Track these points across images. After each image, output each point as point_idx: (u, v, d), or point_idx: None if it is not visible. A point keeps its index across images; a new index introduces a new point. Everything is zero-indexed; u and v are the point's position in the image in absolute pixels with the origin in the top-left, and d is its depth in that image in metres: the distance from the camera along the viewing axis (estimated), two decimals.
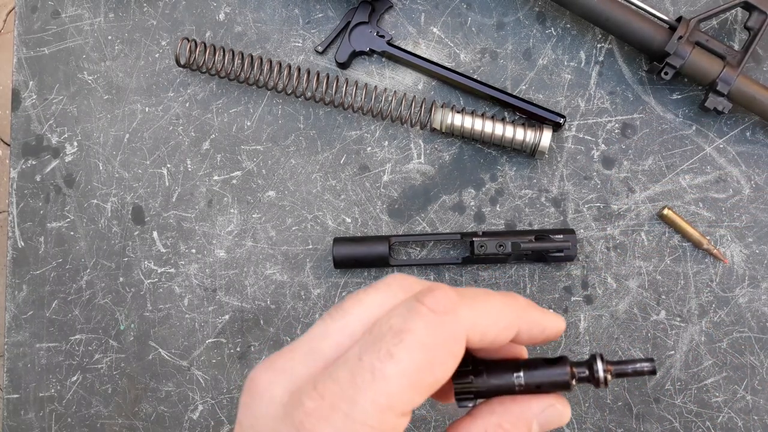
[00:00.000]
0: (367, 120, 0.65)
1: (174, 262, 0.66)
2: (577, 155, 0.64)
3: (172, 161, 0.66)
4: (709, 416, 0.62)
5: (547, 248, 0.60)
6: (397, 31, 0.66)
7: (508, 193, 0.64)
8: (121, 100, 0.67)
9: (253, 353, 0.65)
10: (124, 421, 0.65)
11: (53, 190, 0.67)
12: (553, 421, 0.31)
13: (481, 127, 0.62)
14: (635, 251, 0.63)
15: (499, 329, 0.29)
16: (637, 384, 0.62)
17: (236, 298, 0.65)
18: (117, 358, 0.66)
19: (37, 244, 0.67)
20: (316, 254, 0.65)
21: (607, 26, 0.60)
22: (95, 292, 0.66)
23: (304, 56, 0.66)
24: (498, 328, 0.29)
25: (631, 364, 0.33)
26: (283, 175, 0.66)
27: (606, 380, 0.33)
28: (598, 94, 0.64)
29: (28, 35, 0.68)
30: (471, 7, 0.65)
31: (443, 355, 0.27)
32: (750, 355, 0.62)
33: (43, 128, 0.67)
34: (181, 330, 0.65)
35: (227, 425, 0.65)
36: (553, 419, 0.31)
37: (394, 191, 0.65)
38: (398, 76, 0.66)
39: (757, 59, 0.64)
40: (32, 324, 0.66)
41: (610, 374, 0.33)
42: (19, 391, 0.66)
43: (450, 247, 0.64)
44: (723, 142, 0.63)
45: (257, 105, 0.66)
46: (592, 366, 0.33)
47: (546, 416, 0.31)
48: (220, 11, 0.67)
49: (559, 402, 0.32)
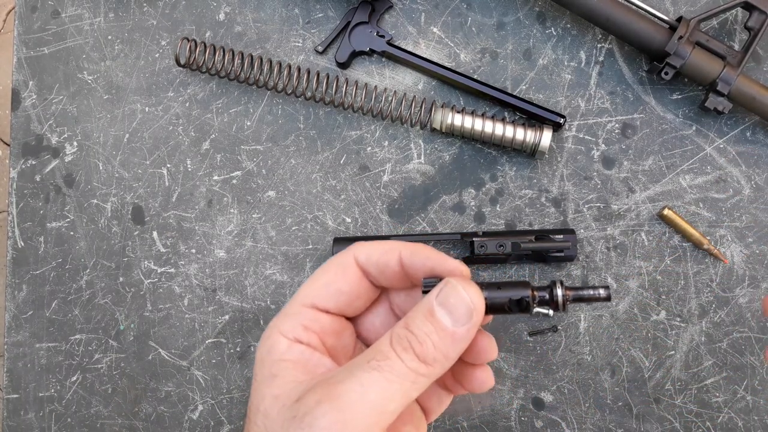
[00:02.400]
0: (367, 120, 0.65)
1: (174, 262, 0.66)
2: (577, 155, 0.64)
3: (172, 161, 0.66)
4: (709, 416, 0.62)
5: (547, 248, 0.60)
6: (397, 31, 0.66)
7: (508, 193, 0.64)
8: (121, 100, 0.67)
9: (253, 353, 0.65)
10: (124, 421, 0.65)
11: (53, 190, 0.67)
12: (449, 298, 0.35)
13: (481, 127, 0.62)
14: (635, 251, 0.63)
15: (382, 251, 0.38)
16: (637, 384, 0.62)
17: (236, 298, 0.65)
18: (117, 358, 0.66)
19: (36, 244, 0.67)
20: (316, 254, 0.65)
21: (608, 26, 0.60)
22: (95, 292, 0.66)
23: (304, 56, 0.66)
24: (379, 251, 0.38)
25: (587, 290, 0.37)
26: (283, 175, 0.66)
27: (564, 304, 0.36)
28: (598, 94, 0.64)
29: (28, 35, 0.68)
30: (471, 7, 0.65)
31: (332, 268, 0.39)
32: (750, 355, 0.62)
33: (43, 128, 0.67)
34: (181, 330, 0.65)
35: (227, 425, 0.65)
36: (449, 297, 0.35)
37: (394, 191, 0.65)
38: (398, 76, 0.66)
39: (758, 59, 0.64)
40: (32, 324, 0.66)
41: (568, 299, 0.36)
42: (19, 391, 0.66)
43: (450, 247, 0.64)
44: (723, 142, 0.63)
45: (257, 105, 0.66)
46: (552, 290, 0.36)
47: (443, 296, 0.35)
48: (220, 11, 0.67)
49: (455, 280, 0.36)
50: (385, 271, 0.38)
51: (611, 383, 0.62)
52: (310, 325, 0.38)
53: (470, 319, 0.35)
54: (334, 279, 0.38)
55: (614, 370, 0.62)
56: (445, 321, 0.34)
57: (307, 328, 0.38)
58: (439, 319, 0.34)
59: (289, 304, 0.39)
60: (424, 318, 0.34)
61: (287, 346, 0.37)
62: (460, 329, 0.34)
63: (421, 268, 0.38)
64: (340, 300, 0.39)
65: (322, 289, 0.38)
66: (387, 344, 0.34)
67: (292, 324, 0.38)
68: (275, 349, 0.37)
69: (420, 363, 0.34)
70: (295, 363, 0.36)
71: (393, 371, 0.33)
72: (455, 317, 0.34)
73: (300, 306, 0.38)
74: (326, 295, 0.38)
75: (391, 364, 0.33)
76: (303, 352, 0.37)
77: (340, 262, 0.39)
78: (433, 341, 0.34)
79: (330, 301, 0.38)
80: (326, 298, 0.38)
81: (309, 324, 0.38)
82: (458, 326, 0.34)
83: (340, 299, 0.39)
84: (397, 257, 0.38)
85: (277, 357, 0.37)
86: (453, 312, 0.34)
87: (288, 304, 0.39)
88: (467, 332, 0.35)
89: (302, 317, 0.38)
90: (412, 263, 0.38)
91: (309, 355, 0.37)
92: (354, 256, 0.39)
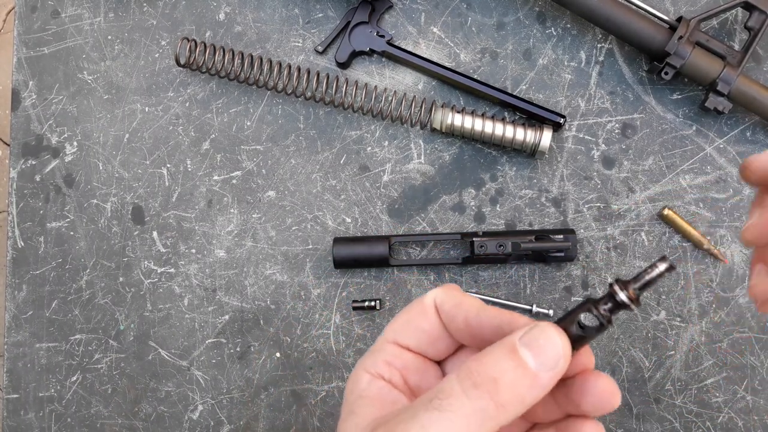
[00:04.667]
0: (367, 120, 0.65)
1: (174, 262, 0.66)
2: (577, 155, 0.64)
3: (172, 161, 0.66)
4: (709, 416, 0.62)
5: (547, 248, 0.60)
6: (397, 31, 0.66)
7: (508, 193, 0.64)
8: (121, 100, 0.67)
9: (253, 353, 0.65)
10: (124, 421, 0.65)
11: (53, 190, 0.67)
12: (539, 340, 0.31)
13: (481, 127, 0.62)
14: (635, 251, 0.63)
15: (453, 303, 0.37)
16: (637, 384, 0.62)
17: (236, 298, 0.65)
18: (117, 358, 0.66)
19: (36, 244, 0.67)
20: (316, 254, 0.65)
21: (608, 26, 0.60)
22: (95, 292, 0.66)
23: (304, 56, 0.66)
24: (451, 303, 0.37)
25: (647, 273, 0.33)
26: (283, 175, 0.66)
27: (635, 300, 0.33)
28: (598, 94, 0.64)
29: (28, 35, 0.68)
30: (471, 7, 0.65)
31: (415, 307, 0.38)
32: (750, 355, 0.62)
33: (43, 128, 0.67)
34: (181, 330, 0.65)
35: (227, 425, 0.65)
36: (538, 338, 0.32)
37: (394, 191, 0.65)
38: (398, 76, 0.66)
39: (758, 59, 0.64)
40: (32, 324, 0.66)
41: (634, 298, 0.33)
42: (19, 391, 0.66)
43: (450, 247, 0.64)
44: (723, 142, 0.63)
45: (257, 105, 0.66)
46: (614, 297, 0.33)
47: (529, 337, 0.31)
48: (220, 11, 0.67)
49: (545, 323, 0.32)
50: (452, 324, 0.37)
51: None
52: (392, 361, 0.37)
53: (556, 366, 0.31)
54: (415, 317, 0.38)
55: (614, 370, 0.62)
56: (529, 361, 0.30)
57: (389, 363, 0.37)
58: (521, 357, 0.31)
59: (375, 343, 0.38)
60: (503, 354, 0.31)
61: (368, 382, 0.36)
62: (544, 374, 0.30)
63: (489, 327, 0.35)
64: (420, 338, 0.38)
65: (403, 326, 0.38)
66: (453, 380, 0.31)
67: (374, 359, 0.37)
68: (357, 386, 0.36)
69: (490, 402, 0.30)
70: (373, 399, 0.35)
71: (456, 411, 0.30)
72: (541, 360, 0.30)
73: (384, 342, 0.38)
74: (407, 332, 0.38)
75: (454, 402, 0.30)
76: (382, 388, 0.36)
77: (421, 302, 0.38)
78: (510, 380, 0.30)
79: (411, 338, 0.38)
80: (407, 335, 0.38)
81: (391, 359, 0.37)
82: (542, 370, 0.30)
83: (421, 338, 0.38)
84: (464, 314, 0.36)
85: (357, 394, 0.36)
86: (539, 355, 0.31)
87: (374, 343, 0.39)
88: (550, 380, 0.31)
89: (385, 353, 0.37)
90: (478, 323, 0.35)
91: (387, 391, 0.36)
92: (434, 297, 0.38)
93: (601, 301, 0.33)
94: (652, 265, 0.33)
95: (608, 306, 0.33)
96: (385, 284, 0.64)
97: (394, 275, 0.64)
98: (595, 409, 0.34)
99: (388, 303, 0.64)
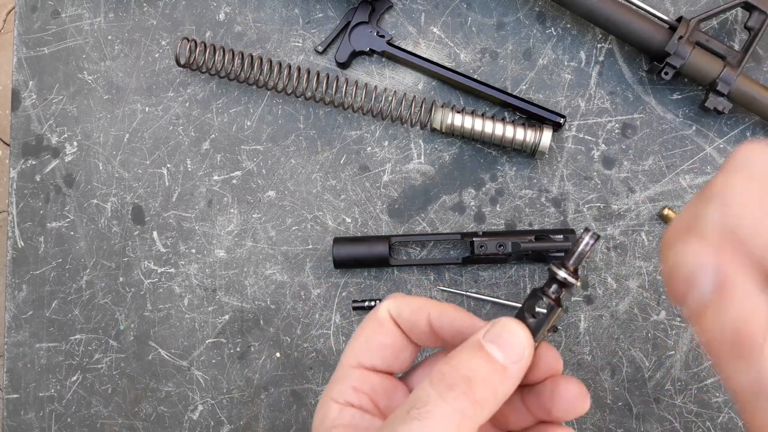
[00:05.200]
0: (367, 120, 0.65)
1: (174, 262, 0.66)
2: (577, 155, 0.64)
3: (172, 161, 0.66)
4: (709, 416, 0.62)
5: (547, 248, 0.60)
6: (397, 31, 0.66)
7: (508, 193, 0.64)
8: (121, 100, 0.67)
9: (253, 353, 0.65)
10: (124, 421, 0.65)
11: (53, 190, 0.67)
12: (501, 334, 0.32)
13: (481, 127, 0.62)
14: (635, 251, 0.63)
15: (411, 309, 0.37)
16: (637, 384, 0.62)
17: (236, 298, 0.65)
18: (117, 358, 0.66)
19: (37, 244, 0.67)
20: (316, 254, 0.65)
21: (608, 26, 0.60)
22: (95, 292, 0.66)
23: (304, 56, 0.66)
24: (409, 309, 0.37)
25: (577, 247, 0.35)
26: (283, 175, 0.66)
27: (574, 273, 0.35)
28: (598, 94, 0.64)
29: (28, 35, 0.68)
30: (471, 7, 0.65)
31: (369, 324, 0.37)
32: None
33: (43, 128, 0.67)
34: (181, 330, 0.65)
35: (227, 425, 0.65)
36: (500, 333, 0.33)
37: (394, 191, 0.65)
38: (398, 76, 0.66)
39: (758, 59, 0.64)
40: (32, 324, 0.66)
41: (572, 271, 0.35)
42: (19, 391, 0.66)
43: (450, 247, 0.64)
44: (723, 142, 0.63)
45: (257, 105, 0.66)
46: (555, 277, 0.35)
47: (492, 334, 0.32)
48: (220, 11, 0.67)
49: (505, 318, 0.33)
50: (414, 330, 0.37)
51: (611, 383, 0.62)
52: (360, 386, 0.37)
53: (522, 356, 0.32)
54: (372, 334, 0.37)
55: (614, 370, 0.62)
56: (497, 355, 0.32)
57: (356, 389, 0.36)
58: (489, 352, 0.32)
59: (336, 371, 0.37)
60: (471, 353, 0.32)
61: (338, 411, 0.36)
62: (513, 366, 0.32)
63: (449, 329, 0.36)
64: (384, 354, 0.37)
65: (363, 346, 0.37)
66: (427, 387, 0.31)
67: (341, 388, 0.36)
68: (327, 417, 0.36)
69: (466, 401, 0.30)
70: (347, 428, 0.35)
71: (436, 416, 0.30)
72: (507, 353, 0.32)
73: (347, 368, 0.37)
74: (369, 351, 0.37)
75: (432, 408, 0.30)
76: (354, 415, 0.36)
77: (375, 317, 0.38)
78: (483, 376, 0.31)
79: (374, 356, 0.37)
80: (370, 354, 0.37)
81: (358, 385, 0.37)
82: (510, 362, 0.32)
83: (385, 353, 0.37)
84: (425, 317, 0.36)
85: (329, 424, 0.35)
86: (505, 348, 0.32)
87: (335, 371, 0.38)
88: (519, 371, 0.32)
89: (350, 379, 0.37)
90: (440, 324, 0.36)
91: (360, 417, 0.36)
92: (387, 309, 0.37)
93: (545, 286, 0.36)
94: (579, 238, 0.35)
95: (552, 288, 0.35)
96: (385, 284, 0.64)
97: (394, 275, 0.64)
98: (566, 414, 0.35)
99: None
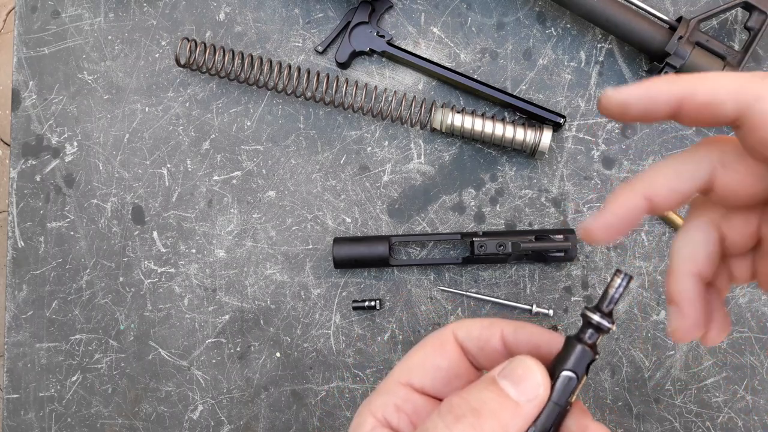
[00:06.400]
0: (367, 120, 0.65)
1: (174, 262, 0.66)
2: (577, 155, 0.64)
3: (172, 161, 0.66)
4: (709, 416, 0.62)
5: (547, 248, 0.60)
6: (397, 31, 0.66)
7: (508, 193, 0.64)
8: (121, 100, 0.67)
9: (253, 353, 0.65)
10: (124, 421, 0.65)
11: (53, 190, 0.67)
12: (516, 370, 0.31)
13: (481, 127, 0.62)
14: (635, 251, 0.63)
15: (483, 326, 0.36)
16: (638, 384, 0.62)
17: (236, 298, 0.65)
18: (117, 358, 0.66)
19: (37, 244, 0.67)
20: (316, 254, 0.65)
21: (608, 26, 0.60)
22: (95, 292, 0.66)
23: (304, 56, 0.66)
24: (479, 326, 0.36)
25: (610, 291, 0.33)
26: (283, 175, 0.66)
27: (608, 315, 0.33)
28: (598, 94, 0.64)
29: (28, 35, 0.68)
30: (471, 7, 0.65)
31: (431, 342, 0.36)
32: (750, 355, 0.62)
33: (43, 128, 0.67)
34: (181, 330, 0.65)
35: (227, 425, 0.65)
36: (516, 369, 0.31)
37: (394, 191, 0.65)
38: (398, 76, 0.66)
39: (757, 59, 0.64)
40: (32, 324, 0.66)
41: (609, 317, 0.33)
42: (19, 391, 0.66)
43: (450, 247, 0.64)
44: None
45: (257, 105, 0.66)
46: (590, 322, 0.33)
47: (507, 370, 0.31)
48: (220, 11, 0.67)
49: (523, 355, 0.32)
50: (485, 348, 0.35)
51: (611, 383, 0.62)
52: (403, 406, 0.35)
53: (537, 394, 0.30)
54: (431, 354, 0.36)
55: (614, 370, 0.62)
56: (510, 391, 0.30)
57: (399, 408, 0.35)
58: (501, 387, 0.31)
59: (384, 381, 0.36)
60: (483, 386, 0.31)
61: (371, 427, 0.34)
62: (526, 403, 0.30)
63: (526, 345, 0.34)
64: (437, 377, 0.35)
65: (418, 365, 0.36)
66: (435, 418, 0.30)
67: (383, 402, 0.35)
68: (361, 428, 0.34)
69: None
70: None
71: None
72: (521, 389, 0.30)
73: (395, 383, 0.35)
74: (423, 372, 0.35)
75: None
76: None
77: (437, 337, 0.36)
78: (491, 409, 0.30)
79: (426, 377, 0.35)
80: (422, 375, 0.35)
81: (401, 404, 0.35)
82: (523, 399, 0.30)
83: (438, 376, 0.35)
84: (499, 334, 0.35)
85: None
86: (519, 384, 0.30)
87: (384, 381, 0.36)
88: (532, 409, 0.30)
89: (395, 396, 0.35)
90: (516, 340, 0.35)
91: None
92: (453, 331, 0.36)
93: (581, 333, 0.33)
94: (612, 281, 0.33)
95: (588, 333, 0.33)
96: (385, 284, 0.64)
97: (394, 275, 0.64)
98: None
99: (388, 303, 0.64)
